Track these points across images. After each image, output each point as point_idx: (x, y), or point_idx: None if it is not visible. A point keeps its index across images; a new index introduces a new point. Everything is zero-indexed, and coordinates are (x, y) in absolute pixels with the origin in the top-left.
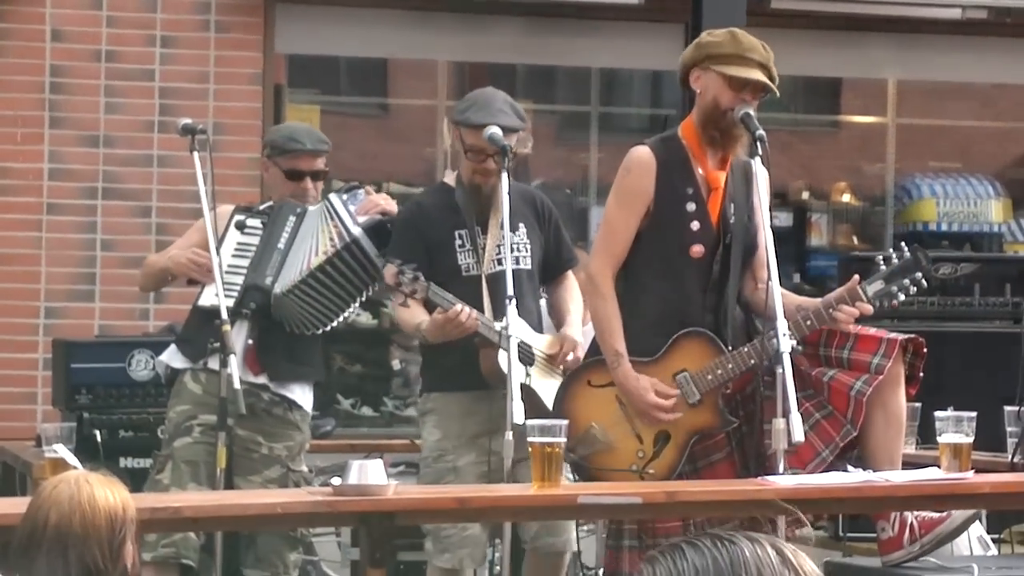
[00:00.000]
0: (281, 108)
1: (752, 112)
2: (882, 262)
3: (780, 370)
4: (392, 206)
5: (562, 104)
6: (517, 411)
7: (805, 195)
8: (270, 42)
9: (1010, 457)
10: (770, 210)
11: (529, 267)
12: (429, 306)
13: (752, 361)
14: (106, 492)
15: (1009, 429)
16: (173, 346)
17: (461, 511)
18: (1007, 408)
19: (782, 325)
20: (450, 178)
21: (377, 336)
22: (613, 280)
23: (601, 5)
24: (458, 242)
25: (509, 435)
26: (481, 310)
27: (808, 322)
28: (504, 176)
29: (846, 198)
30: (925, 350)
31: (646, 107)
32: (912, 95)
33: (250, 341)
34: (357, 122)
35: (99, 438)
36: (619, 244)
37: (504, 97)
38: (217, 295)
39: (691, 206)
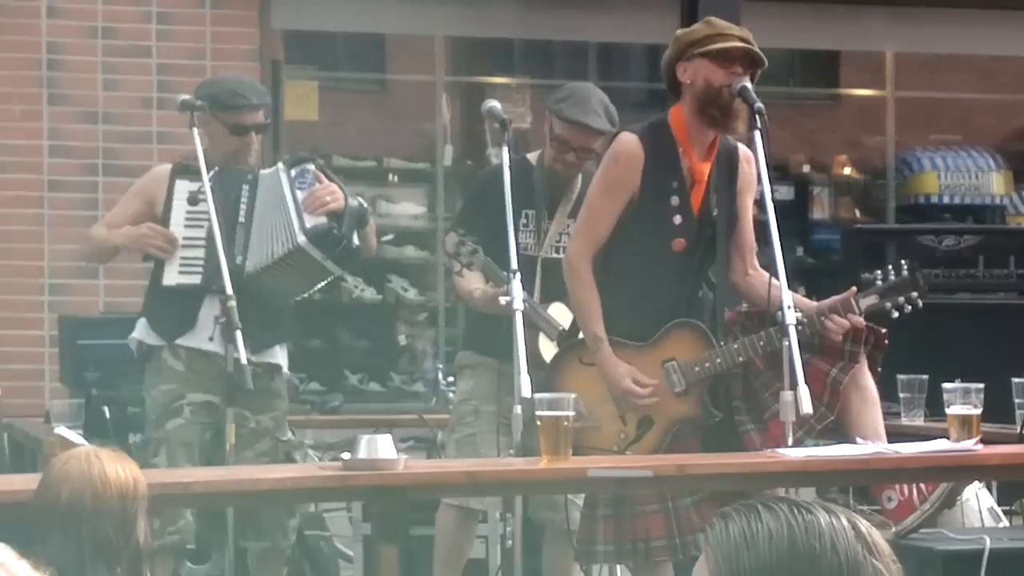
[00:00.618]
0: (278, 84)
1: (749, 85)
2: (879, 278)
3: (787, 343)
4: (339, 203)
5: (560, 78)
6: (525, 385)
7: (806, 168)
8: (266, 18)
9: (1019, 429)
10: (771, 184)
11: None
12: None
13: (740, 358)
14: (116, 467)
15: (1017, 401)
16: (143, 321)
17: (471, 485)
18: (1015, 380)
19: (787, 297)
20: (533, 156)
21: (384, 311)
22: (591, 265)
23: None
24: (523, 220)
25: (518, 409)
26: (532, 290)
27: (799, 327)
28: (504, 151)
29: (847, 171)
30: (887, 343)
31: (644, 81)
32: (911, 68)
33: (222, 319)
34: (355, 98)
35: (108, 414)
36: (599, 231)
37: (601, 98)
38: (190, 270)
39: (675, 200)
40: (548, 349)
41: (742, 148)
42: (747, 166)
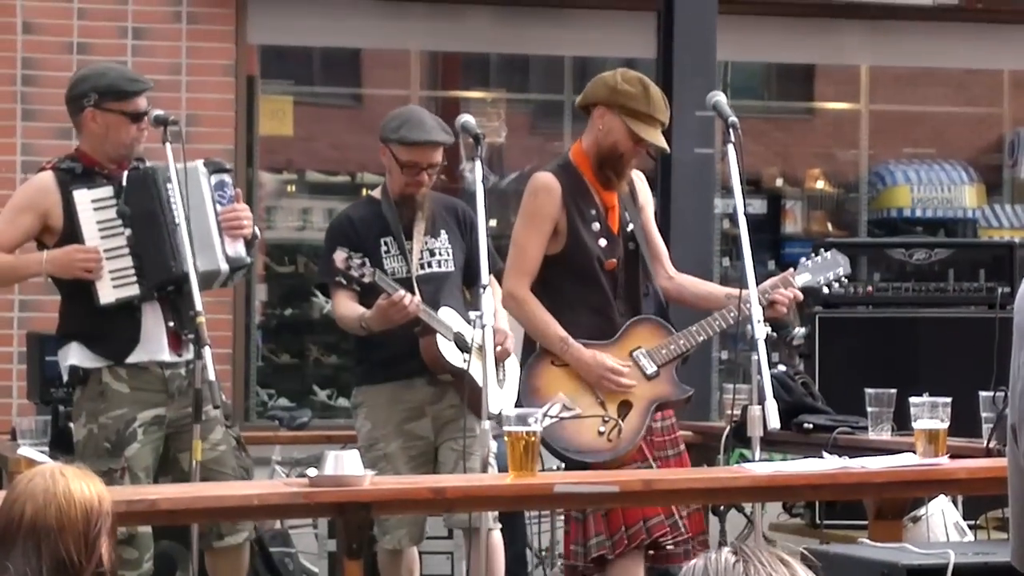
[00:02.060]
0: (254, 99)
1: (723, 98)
2: (807, 258)
3: (755, 357)
4: (251, 229)
5: (536, 93)
6: (493, 400)
7: (779, 182)
8: (242, 33)
9: (985, 443)
10: (744, 197)
11: (452, 269)
12: (364, 302)
13: (701, 337)
14: (82, 485)
15: (984, 415)
16: (76, 345)
17: (437, 501)
18: (982, 393)
19: (757, 311)
20: (376, 192)
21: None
22: (530, 291)
23: None
24: (384, 248)
25: (487, 424)
26: None
27: (747, 304)
28: (478, 165)
29: (820, 185)
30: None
31: None
32: (885, 81)
33: (171, 324)
34: (330, 113)
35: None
36: (530, 263)
37: (431, 114)
38: (124, 282)
39: (596, 226)
40: (447, 349)
41: (634, 171)
42: (642, 184)
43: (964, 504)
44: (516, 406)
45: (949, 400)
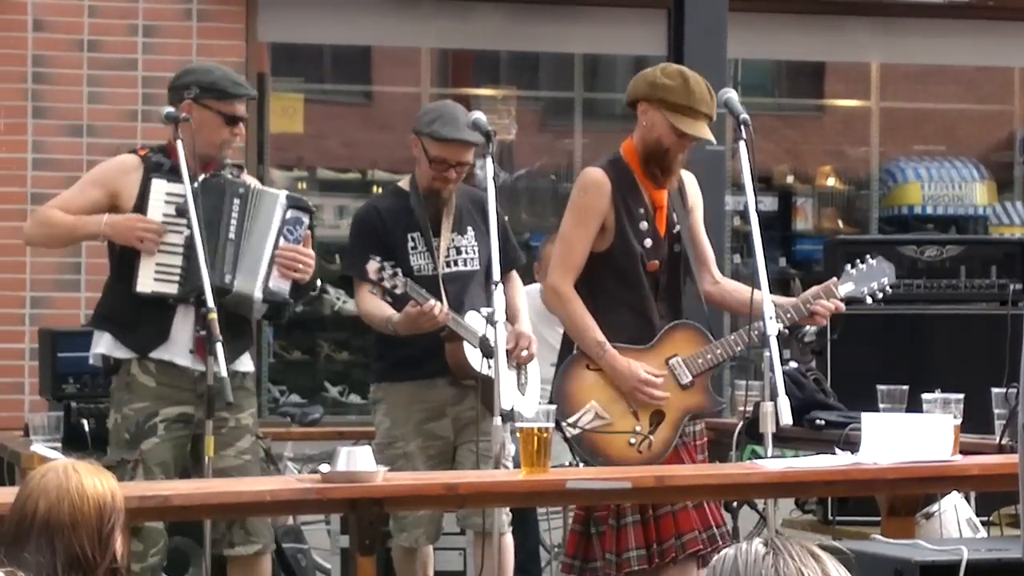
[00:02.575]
0: (264, 96)
1: (735, 95)
2: (850, 267)
3: (768, 353)
4: (307, 277)
5: (546, 90)
6: (505, 398)
7: (790, 179)
8: (252, 30)
9: (998, 439)
10: (755, 194)
11: (477, 268)
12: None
13: (739, 347)
14: (95, 481)
15: (997, 411)
16: (108, 335)
17: (449, 497)
18: (994, 390)
19: (769, 308)
20: (404, 183)
21: (364, 323)
22: (574, 289)
23: None
24: (410, 244)
25: (498, 420)
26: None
27: (788, 315)
28: (489, 162)
29: (831, 182)
30: None
31: None
32: (895, 78)
33: (202, 332)
34: (341, 110)
35: (86, 427)
36: (576, 259)
37: (465, 111)
38: (166, 278)
39: (643, 225)
40: (473, 356)
41: (685, 172)
42: (693, 186)
43: (977, 500)
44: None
45: (961, 396)
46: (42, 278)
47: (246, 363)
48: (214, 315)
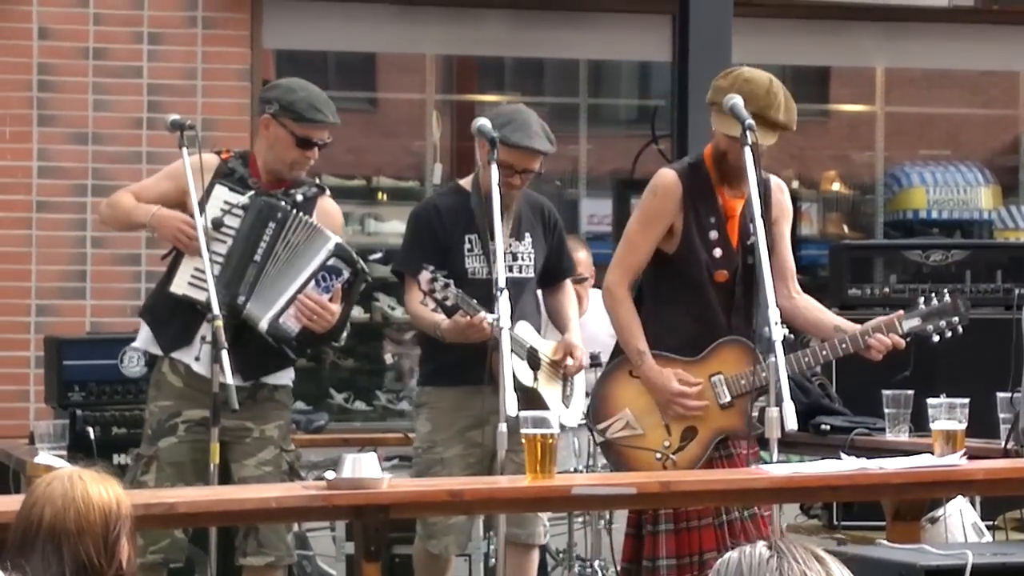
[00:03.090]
0: None
1: (740, 100)
2: (922, 301)
3: (772, 358)
4: (323, 330)
5: (551, 96)
6: (510, 404)
7: (795, 184)
8: (258, 37)
9: (1003, 444)
10: (760, 199)
11: (531, 276)
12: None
13: (787, 372)
14: (100, 488)
15: (1002, 415)
16: (147, 330)
17: (455, 503)
18: (999, 394)
19: (775, 314)
20: (466, 181)
21: (370, 330)
22: (629, 291)
23: None
24: (467, 246)
25: (503, 426)
26: (490, 313)
27: (843, 345)
28: (494, 168)
29: (836, 187)
30: None
31: (634, 98)
32: (900, 83)
33: (209, 339)
34: (346, 117)
35: (92, 435)
36: (636, 260)
37: (537, 119)
38: (199, 284)
39: (714, 234)
40: (519, 368)
41: (774, 179)
42: (780, 195)
43: (982, 505)
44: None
45: (966, 401)
46: (48, 286)
47: (280, 377)
48: (220, 322)
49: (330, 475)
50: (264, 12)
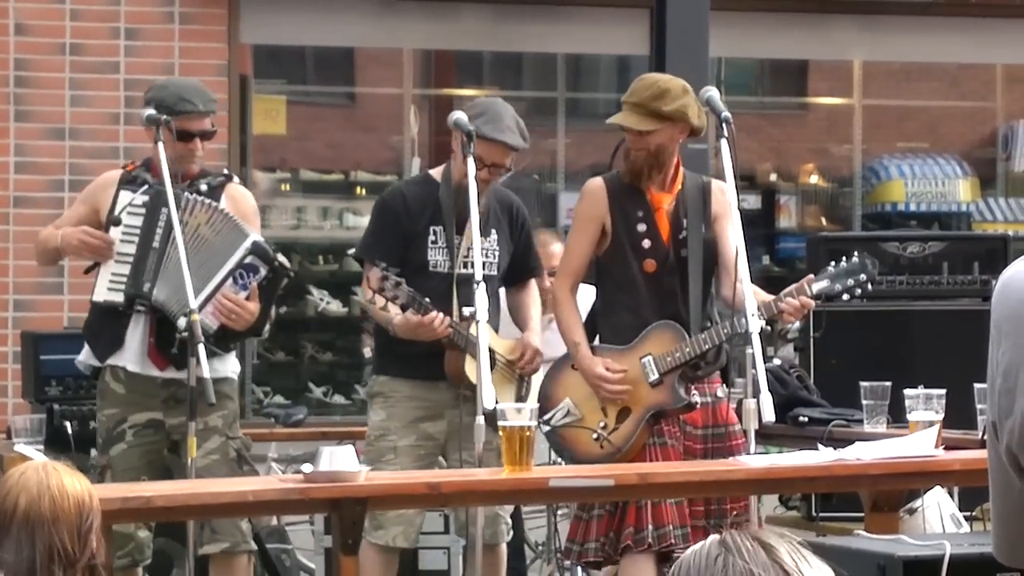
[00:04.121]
0: (247, 98)
1: (716, 94)
2: (832, 265)
3: (750, 350)
4: (238, 327)
5: (529, 90)
6: (487, 397)
7: (773, 177)
8: (235, 33)
9: (980, 434)
10: (738, 192)
11: (495, 273)
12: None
13: (707, 345)
14: (72, 480)
15: (979, 406)
16: (86, 343)
17: (433, 496)
18: (977, 386)
19: (751, 305)
20: (436, 172)
21: (348, 324)
22: (571, 292)
23: None
24: (431, 238)
25: (480, 419)
26: (448, 307)
27: (760, 312)
28: (471, 161)
29: (814, 180)
30: None
31: (612, 92)
32: (878, 76)
33: (152, 339)
34: (324, 112)
35: (70, 430)
36: (575, 263)
37: (512, 114)
38: (116, 287)
39: (642, 227)
40: (472, 368)
41: (715, 181)
42: (720, 195)
43: (960, 495)
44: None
45: (944, 392)
46: (25, 281)
47: (222, 371)
48: (196, 317)
49: (307, 468)
50: (241, 7)
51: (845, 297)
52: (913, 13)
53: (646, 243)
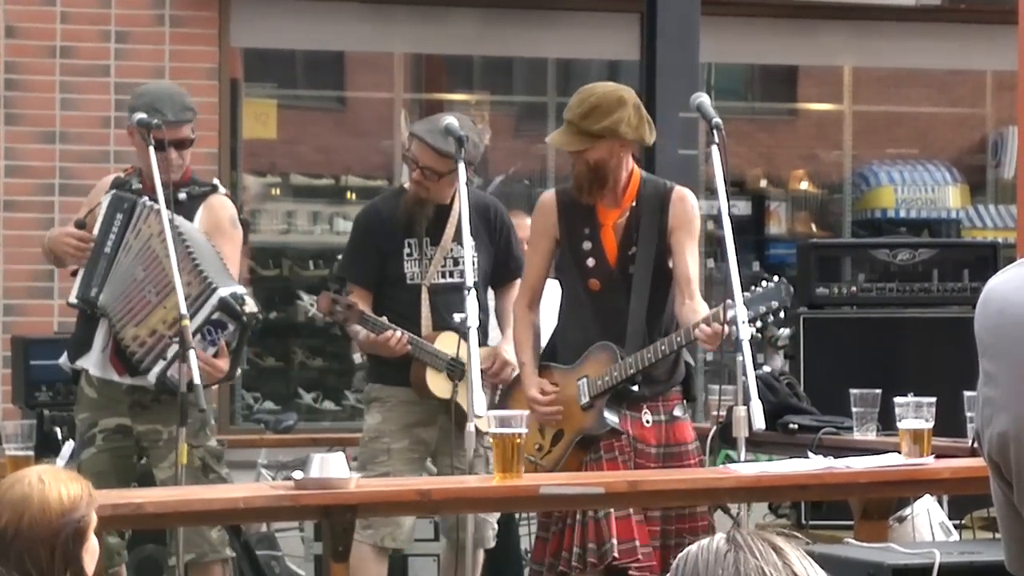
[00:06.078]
0: (237, 102)
1: (707, 99)
2: (754, 288)
3: (740, 358)
4: (209, 382)
5: (519, 95)
6: (478, 403)
7: (763, 183)
8: (226, 36)
9: (970, 443)
10: (728, 198)
11: (474, 280)
12: (381, 292)
13: (632, 370)
14: (61, 489)
15: (969, 414)
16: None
17: (423, 503)
18: (967, 393)
19: (742, 312)
20: (408, 182)
21: (337, 330)
22: (527, 308)
23: None
24: (406, 250)
25: (471, 426)
26: (418, 318)
27: (678, 338)
28: (461, 167)
29: (804, 186)
30: None
31: None
32: (868, 82)
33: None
34: (314, 116)
35: (60, 435)
36: (531, 278)
37: (451, 123)
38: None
39: (587, 244)
40: (435, 380)
41: (677, 189)
42: (681, 205)
43: (949, 504)
44: None
45: (934, 400)
46: (15, 285)
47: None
48: (187, 322)
49: (298, 475)
50: (232, 10)
51: (758, 324)
52: (903, 19)
53: (590, 261)
